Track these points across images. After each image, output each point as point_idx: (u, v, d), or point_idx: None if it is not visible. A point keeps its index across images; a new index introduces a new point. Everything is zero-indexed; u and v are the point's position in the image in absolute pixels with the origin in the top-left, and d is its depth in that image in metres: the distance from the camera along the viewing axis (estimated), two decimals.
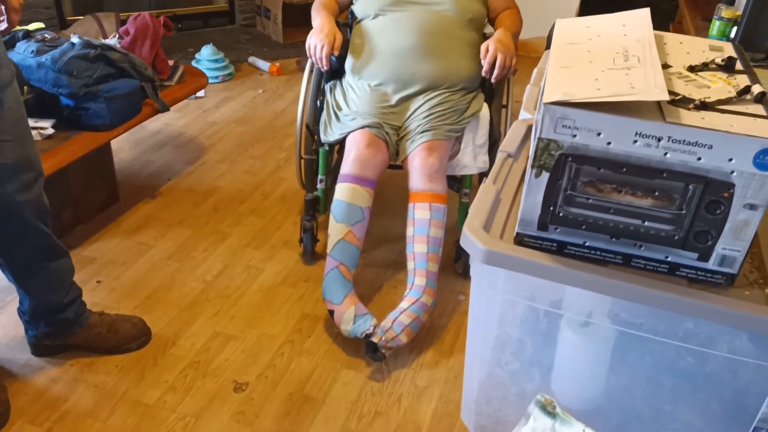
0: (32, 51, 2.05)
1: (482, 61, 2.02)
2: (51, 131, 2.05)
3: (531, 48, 4.09)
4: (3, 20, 1.40)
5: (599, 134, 0.92)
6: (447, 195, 1.94)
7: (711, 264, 0.96)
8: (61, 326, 1.73)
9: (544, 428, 0.86)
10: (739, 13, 2.17)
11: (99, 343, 1.78)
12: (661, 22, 1.18)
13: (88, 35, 2.38)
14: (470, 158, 2.04)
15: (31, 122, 2.02)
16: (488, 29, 2.23)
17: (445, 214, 1.92)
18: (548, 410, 0.87)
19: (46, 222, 1.58)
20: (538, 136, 0.94)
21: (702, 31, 2.45)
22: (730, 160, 0.88)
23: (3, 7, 1.39)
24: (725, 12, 2.24)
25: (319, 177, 2.15)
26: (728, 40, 2.06)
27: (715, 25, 2.28)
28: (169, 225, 2.38)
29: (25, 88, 2.04)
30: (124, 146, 2.90)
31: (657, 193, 0.94)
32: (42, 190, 1.55)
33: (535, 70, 1.57)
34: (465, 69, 2.07)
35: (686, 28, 2.70)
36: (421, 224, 1.89)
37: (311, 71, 2.21)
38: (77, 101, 2.07)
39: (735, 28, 2.16)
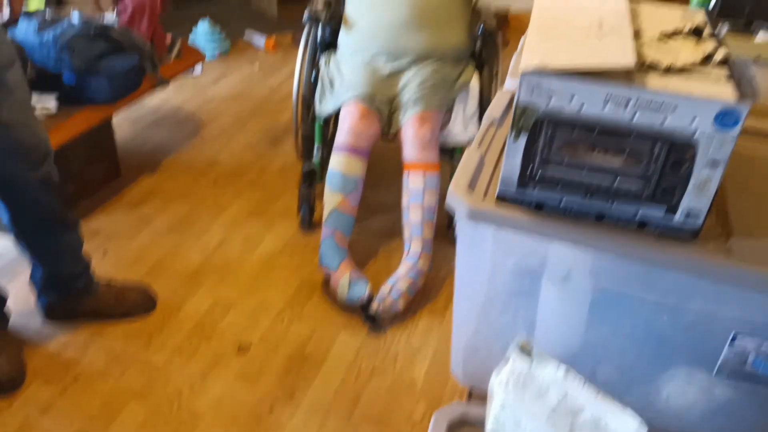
0: (34, 29, 2.10)
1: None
2: (54, 110, 2.11)
3: (525, 22, 4.11)
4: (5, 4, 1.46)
5: (572, 99, 0.99)
6: (440, 164, 2.01)
7: (677, 218, 1.04)
8: (71, 295, 1.81)
9: (522, 369, 0.94)
10: None
11: (108, 311, 1.86)
12: None
13: (84, 11, 2.42)
14: (461, 128, 2.11)
15: (35, 98, 2.08)
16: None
17: (438, 182, 1.99)
18: (526, 351, 0.95)
19: (57, 197, 1.65)
20: (516, 101, 1.01)
21: None
22: (693, 121, 0.95)
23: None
24: None
25: (316, 145, 2.22)
26: (708, 8, 2.11)
27: None
28: (170, 198, 2.45)
29: (28, 65, 2.09)
30: (124, 123, 2.95)
31: (627, 153, 1.01)
32: (52, 167, 1.62)
33: (522, 38, 1.63)
34: (455, 39, 2.13)
35: None
36: (416, 193, 1.97)
37: (306, 45, 2.26)
38: (79, 78, 2.12)
39: None
